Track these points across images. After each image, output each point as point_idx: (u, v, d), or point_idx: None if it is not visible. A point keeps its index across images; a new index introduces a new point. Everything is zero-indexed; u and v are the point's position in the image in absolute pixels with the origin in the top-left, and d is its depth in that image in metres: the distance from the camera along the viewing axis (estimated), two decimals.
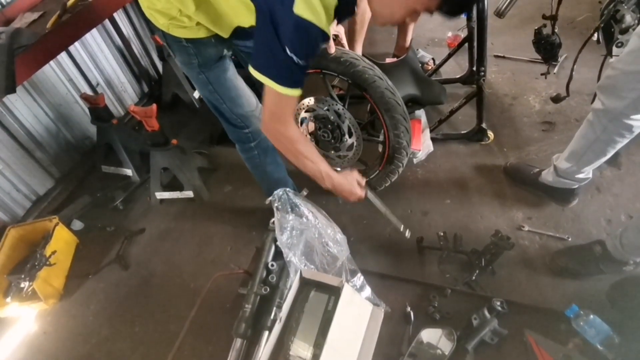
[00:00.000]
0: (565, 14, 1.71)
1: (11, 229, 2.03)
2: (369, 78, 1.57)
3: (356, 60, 1.57)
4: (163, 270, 1.98)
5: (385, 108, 1.62)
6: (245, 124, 1.59)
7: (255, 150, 1.69)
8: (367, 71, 1.57)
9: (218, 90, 1.47)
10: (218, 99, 1.50)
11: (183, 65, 1.46)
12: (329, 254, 1.53)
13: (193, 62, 1.39)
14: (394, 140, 1.69)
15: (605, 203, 1.82)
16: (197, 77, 1.45)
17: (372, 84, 1.57)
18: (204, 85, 1.46)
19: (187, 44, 1.34)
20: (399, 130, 1.66)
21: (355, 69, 1.56)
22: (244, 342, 1.42)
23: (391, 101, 1.60)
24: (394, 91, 1.61)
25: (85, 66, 2.49)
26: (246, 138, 1.65)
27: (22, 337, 1.87)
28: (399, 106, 1.62)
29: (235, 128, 1.61)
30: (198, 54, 1.37)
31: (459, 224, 1.87)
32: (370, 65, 1.60)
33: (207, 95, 1.51)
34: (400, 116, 1.63)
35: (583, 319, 1.40)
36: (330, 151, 1.84)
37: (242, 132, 1.62)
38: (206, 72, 1.42)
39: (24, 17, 2.01)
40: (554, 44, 1.84)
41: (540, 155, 2.07)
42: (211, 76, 1.43)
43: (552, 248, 1.70)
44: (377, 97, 1.60)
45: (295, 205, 1.52)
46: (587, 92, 2.25)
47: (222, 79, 1.46)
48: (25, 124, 2.24)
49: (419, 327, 1.49)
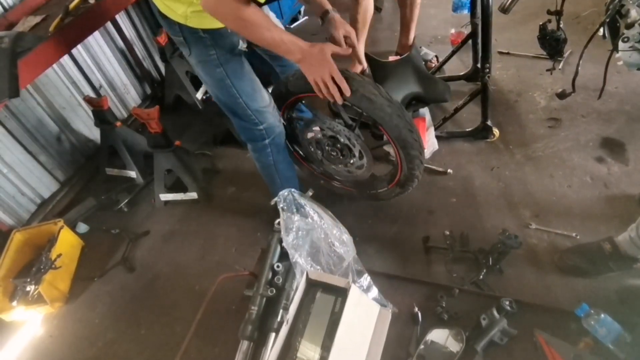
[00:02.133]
0: (570, 9, 1.69)
1: (16, 233, 2.03)
2: (385, 116, 1.46)
3: (373, 95, 1.43)
4: (168, 272, 1.98)
5: (402, 145, 1.55)
6: (259, 120, 1.58)
7: (268, 148, 1.67)
8: (385, 108, 1.45)
9: (236, 84, 1.47)
10: (235, 94, 1.49)
11: (200, 62, 1.44)
12: (335, 255, 1.52)
13: (211, 54, 1.38)
14: (408, 171, 1.66)
15: (613, 199, 1.80)
16: (214, 71, 1.44)
17: (389, 122, 1.48)
18: (221, 80, 1.46)
19: (204, 34, 1.34)
20: (414, 164, 1.62)
21: (372, 105, 1.44)
22: (250, 345, 1.41)
23: (409, 139, 1.52)
24: (412, 128, 1.53)
25: (88, 69, 2.50)
26: (260, 135, 1.63)
27: (29, 340, 1.87)
28: (416, 142, 1.55)
29: (248, 125, 1.60)
30: (215, 45, 1.37)
31: (465, 222, 1.85)
32: (388, 100, 1.46)
33: (223, 91, 1.50)
34: (417, 151, 1.58)
35: (594, 318, 1.38)
36: (339, 165, 1.81)
37: (256, 129, 1.60)
38: (224, 64, 1.42)
39: (26, 21, 2.01)
40: (559, 40, 1.81)
41: (547, 152, 2.05)
42: (229, 69, 1.43)
43: (561, 246, 1.69)
44: (394, 135, 1.52)
45: (300, 206, 1.51)
46: (593, 88, 2.23)
47: (239, 73, 1.46)
48: (29, 127, 2.24)
49: (427, 328, 1.48)
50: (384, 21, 3.29)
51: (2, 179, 2.16)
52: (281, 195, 1.49)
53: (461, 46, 2.36)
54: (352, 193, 2.02)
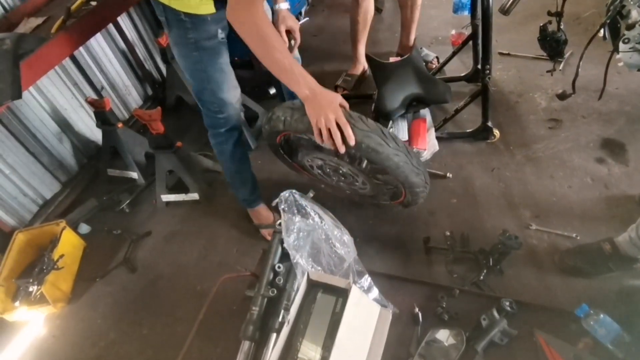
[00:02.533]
0: (571, 10, 1.69)
1: (19, 234, 2.04)
2: (392, 165, 1.41)
3: (380, 146, 1.36)
4: (170, 273, 1.99)
5: (408, 186, 1.56)
6: (220, 109, 1.63)
7: (224, 136, 1.73)
8: (392, 158, 1.39)
9: (207, 70, 1.50)
10: (205, 79, 1.53)
11: (177, 44, 1.48)
12: (336, 256, 1.52)
13: (189, 37, 1.42)
14: (411, 199, 1.69)
15: (613, 200, 1.80)
16: (190, 54, 1.47)
17: (396, 170, 1.44)
18: (194, 63, 1.49)
19: (185, 18, 1.37)
20: (418, 196, 1.65)
21: (378, 156, 1.38)
22: (251, 345, 1.42)
23: (415, 181, 1.52)
24: (419, 170, 1.50)
25: (89, 70, 2.50)
26: (219, 124, 1.68)
27: (31, 340, 1.88)
28: (422, 181, 1.55)
29: (210, 112, 1.65)
30: (194, 29, 1.40)
31: (466, 223, 1.86)
32: (395, 149, 1.39)
33: (194, 74, 1.54)
34: (423, 188, 1.58)
35: (593, 318, 1.39)
36: (341, 183, 1.82)
37: (216, 116, 1.65)
38: (200, 50, 1.45)
39: (28, 22, 2.01)
40: (559, 41, 1.81)
41: (548, 153, 2.06)
42: (204, 55, 1.47)
43: (561, 246, 1.69)
44: (401, 179, 1.51)
45: (301, 207, 1.52)
46: (593, 89, 2.23)
47: (213, 61, 1.50)
48: (31, 128, 2.25)
49: (428, 328, 1.49)
50: (385, 22, 3.29)
51: (5, 180, 2.16)
52: (282, 196, 1.50)
53: (462, 47, 2.37)
54: (353, 198, 2.03)
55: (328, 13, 3.53)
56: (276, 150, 1.82)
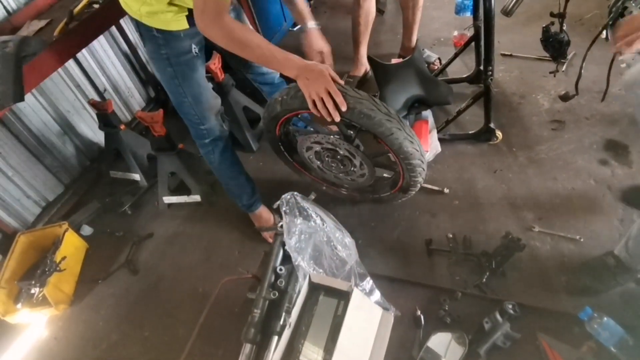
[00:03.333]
0: (573, 11, 1.69)
1: (21, 235, 2.05)
2: (385, 131, 1.44)
3: (372, 111, 1.41)
4: (171, 275, 1.99)
5: (403, 157, 1.55)
6: (201, 121, 1.64)
7: (210, 147, 1.74)
8: (385, 123, 1.43)
9: (183, 84, 1.51)
10: (182, 92, 1.54)
11: (152, 59, 1.50)
12: (338, 258, 1.52)
13: (162, 53, 1.42)
14: (409, 178, 1.66)
15: (617, 202, 1.79)
16: (164, 69, 1.48)
17: (390, 137, 1.46)
18: (170, 78, 1.50)
19: (157, 34, 1.38)
20: (416, 172, 1.62)
21: (372, 121, 1.42)
22: (253, 348, 1.41)
23: (410, 150, 1.51)
24: (412, 139, 1.51)
25: (92, 72, 2.51)
26: (202, 135, 1.70)
27: (33, 342, 1.88)
28: (417, 152, 1.54)
29: (192, 124, 1.67)
30: (166, 45, 1.41)
31: (468, 225, 1.85)
32: (387, 115, 1.44)
33: (171, 88, 1.55)
34: (419, 160, 1.57)
35: (597, 321, 1.38)
36: (340, 174, 1.81)
37: (198, 128, 1.67)
38: (174, 65, 1.46)
39: (31, 25, 2.02)
40: (562, 42, 1.81)
41: (551, 155, 2.05)
42: (178, 71, 1.47)
43: (564, 249, 1.68)
44: (395, 148, 1.51)
45: (303, 209, 1.52)
46: (596, 90, 2.22)
47: (188, 75, 1.50)
48: (34, 130, 2.26)
49: (430, 331, 1.48)
50: (387, 23, 3.29)
51: (8, 182, 2.17)
52: (283, 199, 1.50)
53: (464, 48, 2.36)
54: (354, 197, 2.02)
55: (330, 14, 3.53)
56: (276, 147, 1.82)
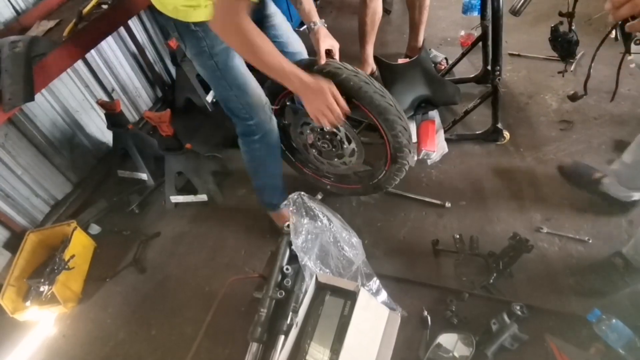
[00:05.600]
0: (582, 11, 1.67)
1: (30, 234, 2.07)
2: (354, 85, 1.51)
3: (339, 69, 1.52)
4: (178, 274, 2.00)
5: (377, 112, 1.56)
6: (250, 115, 1.60)
7: (257, 144, 1.70)
8: (352, 78, 1.51)
9: (226, 76, 1.49)
10: (226, 85, 1.52)
11: (194, 55, 1.48)
12: (345, 258, 1.52)
13: (203, 45, 1.42)
14: (393, 141, 1.65)
15: (625, 202, 1.77)
16: (206, 63, 1.47)
17: (359, 91, 1.52)
18: (213, 71, 1.49)
19: (195, 27, 1.38)
20: (396, 130, 1.61)
21: (339, 79, 1.50)
22: (259, 347, 1.42)
23: (382, 104, 1.55)
24: (383, 93, 1.57)
25: (100, 72, 2.53)
26: (250, 130, 1.65)
27: (42, 340, 1.90)
28: (391, 107, 1.57)
29: (240, 120, 1.62)
30: (206, 37, 1.40)
31: (475, 226, 1.84)
32: (354, 72, 1.54)
33: (216, 83, 1.54)
34: (395, 116, 1.59)
35: (605, 323, 1.37)
36: (334, 159, 1.83)
37: (246, 124, 1.62)
38: (215, 56, 1.45)
39: (40, 25, 2.04)
40: (571, 42, 1.79)
41: (559, 155, 2.03)
42: (220, 61, 1.46)
43: (572, 250, 1.67)
44: (366, 103, 1.55)
45: (309, 209, 1.52)
46: (605, 90, 2.20)
47: (229, 65, 1.48)
48: (43, 130, 2.28)
49: (437, 332, 1.48)
50: (393, 23, 3.28)
51: (17, 181, 2.20)
52: (290, 199, 1.50)
53: (471, 48, 2.35)
54: (357, 190, 2.01)
55: (336, 14, 3.53)
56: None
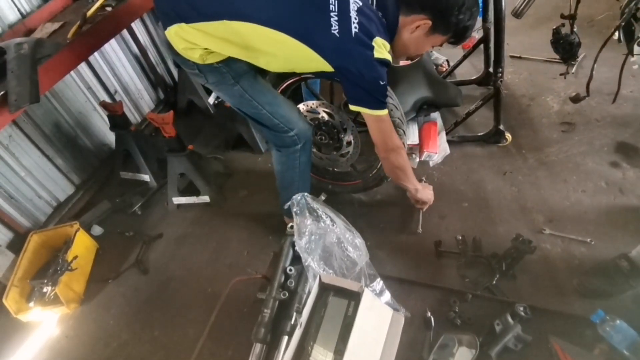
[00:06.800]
0: (584, 13, 1.68)
1: (33, 235, 2.07)
2: None
3: None
4: (181, 275, 2.00)
5: None
6: (289, 127, 1.56)
7: (298, 153, 1.65)
8: None
9: (255, 96, 1.49)
10: (257, 106, 1.50)
11: (217, 85, 1.49)
12: (348, 259, 1.52)
13: (226, 77, 1.43)
14: None
15: (628, 204, 1.78)
16: (231, 90, 1.47)
17: None
18: (241, 96, 1.49)
19: (218, 65, 1.40)
20: None
21: None
22: (263, 348, 1.42)
23: None
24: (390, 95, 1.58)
25: (103, 74, 2.54)
26: (292, 141, 1.61)
27: (45, 340, 1.90)
28: None
29: (279, 134, 1.58)
30: (230, 70, 1.42)
31: (478, 227, 1.84)
32: None
33: (246, 105, 1.52)
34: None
35: (609, 324, 1.36)
36: (332, 152, 1.85)
37: (286, 135, 1.58)
38: (239, 81, 1.45)
39: (44, 28, 2.05)
40: (573, 44, 1.80)
41: (561, 157, 2.04)
42: (245, 84, 1.47)
43: (575, 251, 1.67)
44: None
45: (313, 210, 1.52)
46: (607, 92, 2.21)
47: (255, 85, 1.49)
48: (46, 131, 2.29)
49: (440, 333, 1.47)
50: None
51: (20, 182, 2.20)
52: (294, 199, 1.50)
53: (473, 50, 2.36)
54: (358, 186, 2.03)
55: None
56: None
